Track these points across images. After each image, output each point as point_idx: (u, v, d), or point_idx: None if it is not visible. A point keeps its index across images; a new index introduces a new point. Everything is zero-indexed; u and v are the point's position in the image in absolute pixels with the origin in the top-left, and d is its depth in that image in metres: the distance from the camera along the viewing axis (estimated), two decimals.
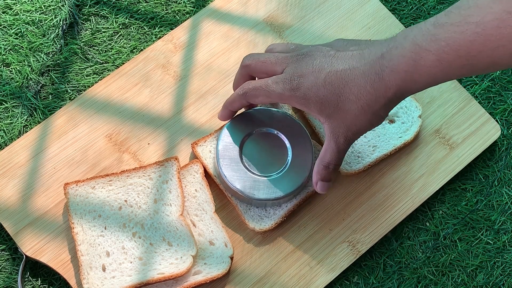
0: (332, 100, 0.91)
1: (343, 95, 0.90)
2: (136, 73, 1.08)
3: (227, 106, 1.01)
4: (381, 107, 0.90)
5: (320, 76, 0.91)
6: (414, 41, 0.84)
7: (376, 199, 1.04)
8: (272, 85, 0.94)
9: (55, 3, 1.13)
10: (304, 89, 0.92)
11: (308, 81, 0.92)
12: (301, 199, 1.02)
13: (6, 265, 1.01)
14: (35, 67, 1.10)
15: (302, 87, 0.92)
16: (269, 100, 0.96)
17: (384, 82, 0.87)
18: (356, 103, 0.90)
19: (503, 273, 1.04)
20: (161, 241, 0.98)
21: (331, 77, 0.90)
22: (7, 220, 1.00)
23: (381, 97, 0.89)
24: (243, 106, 1.01)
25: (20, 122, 1.07)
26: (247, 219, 1.01)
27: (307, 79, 0.92)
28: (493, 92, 1.13)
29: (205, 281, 0.98)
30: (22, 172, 1.03)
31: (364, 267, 1.03)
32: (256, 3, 1.13)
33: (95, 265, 0.97)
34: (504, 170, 1.09)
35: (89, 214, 0.99)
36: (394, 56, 0.86)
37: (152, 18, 1.14)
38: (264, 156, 1.02)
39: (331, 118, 0.92)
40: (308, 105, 0.92)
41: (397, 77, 0.87)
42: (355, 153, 1.05)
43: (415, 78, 0.86)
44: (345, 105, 0.90)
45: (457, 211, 1.06)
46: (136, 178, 1.01)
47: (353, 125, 0.92)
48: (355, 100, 0.89)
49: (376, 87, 0.88)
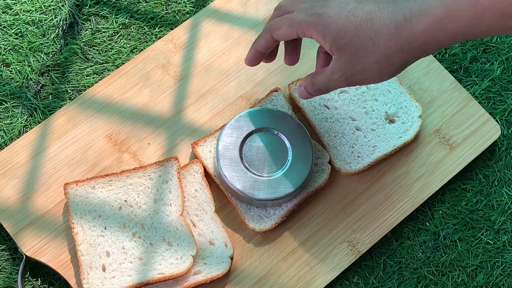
0: (350, 31, 0.86)
1: (363, 29, 0.85)
2: (136, 73, 1.08)
3: (253, 45, 0.96)
4: (400, 57, 0.86)
5: (345, 8, 0.87)
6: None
7: (376, 199, 1.04)
8: (295, 13, 0.90)
9: (55, 3, 1.13)
10: (325, 16, 0.87)
11: (332, 10, 0.88)
12: (301, 199, 1.02)
13: (6, 265, 1.01)
14: (35, 67, 1.10)
15: (324, 15, 0.88)
16: (290, 30, 0.91)
17: (410, 26, 0.83)
18: (374, 43, 0.85)
19: (503, 273, 1.04)
20: (161, 241, 0.99)
21: (356, 11, 0.86)
22: (7, 220, 1.01)
23: (403, 43, 0.84)
24: (269, 43, 0.94)
25: (20, 122, 1.07)
26: (247, 219, 1.01)
27: (331, 9, 0.88)
28: (493, 92, 1.13)
29: (205, 281, 0.98)
30: (22, 172, 1.03)
31: (364, 267, 1.03)
32: (256, 3, 1.13)
33: (95, 265, 0.97)
34: (504, 170, 1.09)
35: (89, 214, 0.99)
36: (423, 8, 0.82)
37: (152, 18, 1.14)
38: (264, 156, 1.02)
39: (342, 51, 0.87)
40: (324, 33, 0.88)
41: (426, 21, 0.82)
42: (355, 153, 1.05)
43: (444, 26, 0.81)
44: (362, 41, 0.86)
45: (457, 211, 1.06)
46: (136, 178, 1.01)
47: (360, 67, 0.87)
48: (375, 39, 0.85)
49: (401, 29, 0.83)
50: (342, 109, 1.07)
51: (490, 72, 1.13)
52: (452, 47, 1.14)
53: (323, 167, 1.04)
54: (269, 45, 0.95)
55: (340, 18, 0.87)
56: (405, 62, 0.86)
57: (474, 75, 1.13)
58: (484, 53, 1.15)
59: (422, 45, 0.84)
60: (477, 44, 1.15)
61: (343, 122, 1.06)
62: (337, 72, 0.89)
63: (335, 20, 0.87)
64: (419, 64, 1.11)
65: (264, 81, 1.09)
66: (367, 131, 1.06)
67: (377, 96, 1.08)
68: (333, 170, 1.05)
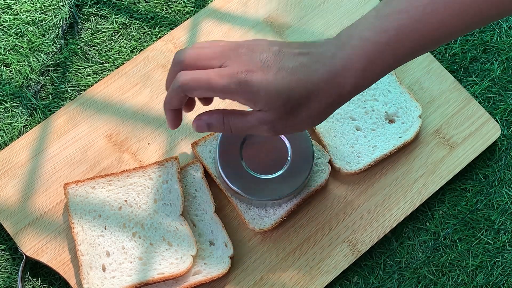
0: (282, 95, 0.85)
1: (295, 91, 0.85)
2: (136, 73, 1.08)
3: (166, 107, 0.90)
4: (332, 108, 0.87)
5: (269, 72, 0.85)
6: (362, 37, 0.83)
7: (376, 199, 1.04)
8: (215, 77, 0.85)
9: (55, 3, 1.13)
10: (252, 84, 0.85)
11: (257, 76, 0.85)
12: (301, 199, 1.02)
13: (6, 265, 1.01)
14: (35, 67, 1.10)
15: (250, 82, 0.85)
16: (209, 94, 0.86)
17: (338, 81, 0.84)
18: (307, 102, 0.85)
19: (503, 273, 1.04)
20: (161, 241, 0.98)
21: (281, 74, 0.85)
22: (7, 220, 1.01)
23: (334, 97, 0.85)
24: (182, 101, 0.89)
25: (20, 122, 1.07)
26: (247, 219, 1.01)
27: (255, 75, 0.85)
28: (493, 92, 1.13)
29: (205, 281, 0.98)
30: (22, 172, 1.03)
31: (364, 267, 1.03)
32: (256, 3, 1.13)
33: (95, 265, 0.97)
34: (504, 170, 1.09)
35: (89, 214, 0.99)
36: (346, 54, 0.84)
37: (152, 18, 1.14)
38: (264, 156, 1.02)
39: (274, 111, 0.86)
40: (254, 100, 0.86)
41: (352, 74, 0.84)
42: (355, 153, 1.05)
43: (369, 73, 0.84)
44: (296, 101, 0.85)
45: (457, 211, 1.06)
46: (136, 178, 1.01)
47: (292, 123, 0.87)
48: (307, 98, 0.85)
49: (331, 84, 0.84)
50: (342, 109, 1.07)
51: (490, 72, 1.13)
52: (452, 47, 1.14)
53: (323, 167, 1.04)
54: (184, 101, 0.90)
55: (269, 83, 0.84)
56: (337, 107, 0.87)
57: (474, 75, 1.13)
58: (484, 53, 1.15)
59: (351, 93, 0.85)
60: (477, 44, 1.15)
61: (343, 122, 1.06)
62: (265, 124, 0.87)
63: (264, 85, 0.85)
64: (419, 64, 1.11)
65: None
66: (367, 131, 1.06)
67: (377, 96, 1.08)
68: (333, 170, 1.05)
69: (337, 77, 0.84)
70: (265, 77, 0.84)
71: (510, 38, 1.15)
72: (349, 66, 0.83)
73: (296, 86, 0.84)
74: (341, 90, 0.85)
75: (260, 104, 0.85)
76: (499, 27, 1.16)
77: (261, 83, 0.84)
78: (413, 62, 1.11)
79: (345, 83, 0.84)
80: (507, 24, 1.16)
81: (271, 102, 0.85)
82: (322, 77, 0.84)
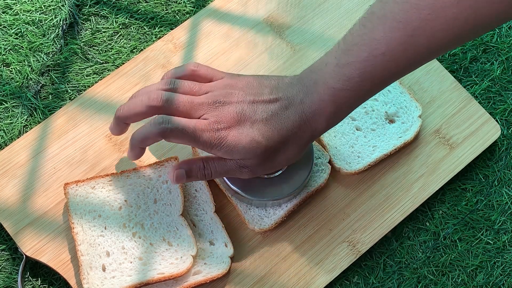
0: (259, 146, 0.91)
1: (271, 140, 0.91)
2: (136, 73, 1.08)
3: (137, 144, 0.95)
4: (303, 148, 0.94)
5: (245, 125, 0.91)
6: (326, 84, 0.89)
7: (376, 199, 1.04)
8: (198, 131, 0.91)
9: (55, 3, 1.13)
10: (230, 140, 0.90)
11: (234, 132, 0.90)
12: (301, 199, 1.02)
13: (6, 265, 1.01)
14: (35, 67, 1.10)
15: (228, 139, 0.90)
16: (190, 144, 0.92)
17: (310, 125, 0.91)
18: (284, 148, 0.92)
19: (503, 273, 1.04)
20: (161, 241, 0.99)
21: (257, 125, 0.91)
22: (7, 220, 1.00)
23: (308, 139, 0.93)
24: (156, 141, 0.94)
25: (20, 122, 1.07)
26: (247, 219, 1.01)
27: (233, 131, 0.90)
28: (493, 92, 1.13)
29: (205, 281, 0.98)
30: (22, 172, 1.03)
31: (364, 267, 1.03)
32: (256, 3, 1.13)
33: (95, 265, 0.97)
34: (504, 170, 1.09)
35: (89, 214, 0.99)
36: (314, 100, 0.90)
37: (152, 18, 1.14)
38: None
39: (252, 159, 0.92)
40: (231, 154, 0.91)
41: (323, 119, 0.90)
42: (355, 153, 1.05)
43: (338, 114, 0.91)
44: (273, 149, 0.92)
45: (457, 211, 1.06)
46: (136, 178, 1.01)
47: (270, 166, 0.94)
48: (283, 145, 0.92)
49: (304, 130, 0.91)
50: None
51: (490, 72, 1.13)
52: None
53: (323, 167, 1.04)
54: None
55: (247, 136, 0.91)
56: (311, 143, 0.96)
57: (474, 75, 1.13)
58: (484, 53, 1.15)
59: (324, 131, 0.93)
60: (477, 44, 1.15)
61: (342, 122, 1.06)
62: (245, 168, 0.93)
63: (242, 140, 0.91)
64: None
65: None
66: (367, 131, 1.06)
67: (377, 96, 1.08)
68: (333, 170, 1.04)
69: (309, 122, 0.91)
70: (242, 131, 0.91)
71: (510, 38, 1.15)
72: (319, 111, 0.90)
73: (272, 135, 0.91)
74: (313, 132, 0.92)
75: (239, 156, 0.92)
76: (499, 27, 1.16)
77: (239, 138, 0.91)
78: None
79: (316, 126, 0.91)
80: (507, 24, 1.16)
81: (250, 153, 0.91)
82: (295, 124, 0.91)
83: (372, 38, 0.85)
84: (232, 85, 0.94)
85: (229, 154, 0.91)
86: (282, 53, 1.11)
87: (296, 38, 1.11)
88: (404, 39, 0.83)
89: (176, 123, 0.91)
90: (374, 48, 0.85)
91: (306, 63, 1.09)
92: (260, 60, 1.10)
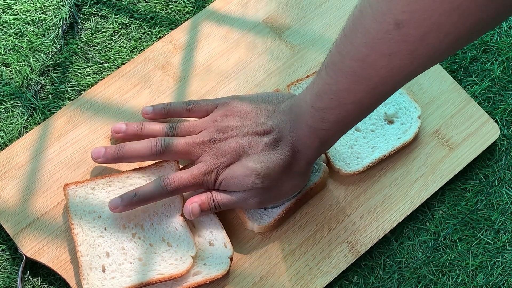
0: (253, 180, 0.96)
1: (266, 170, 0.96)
2: (135, 74, 1.08)
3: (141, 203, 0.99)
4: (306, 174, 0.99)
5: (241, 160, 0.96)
6: (306, 123, 0.93)
7: (375, 200, 1.04)
8: (199, 178, 0.97)
9: (55, 3, 1.13)
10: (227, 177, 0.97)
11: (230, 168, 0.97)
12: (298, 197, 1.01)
13: (6, 265, 1.01)
14: (35, 67, 1.10)
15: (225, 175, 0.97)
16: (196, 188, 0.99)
17: (301, 156, 0.96)
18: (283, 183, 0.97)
19: (503, 273, 1.04)
20: (161, 241, 0.99)
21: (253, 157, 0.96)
22: (7, 221, 1.01)
23: (302, 166, 0.97)
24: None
25: (20, 123, 1.07)
26: (247, 216, 1.01)
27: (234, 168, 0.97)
28: (493, 92, 1.12)
29: (204, 281, 0.98)
30: (22, 173, 1.03)
31: (364, 267, 1.03)
32: (255, 4, 1.13)
33: (95, 265, 0.97)
34: (504, 170, 1.09)
35: (89, 215, 1.00)
36: (299, 135, 0.94)
37: (152, 18, 1.14)
38: None
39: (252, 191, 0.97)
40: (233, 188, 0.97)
41: (311, 151, 0.95)
42: (355, 154, 1.05)
43: (325, 146, 0.96)
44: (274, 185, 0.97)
45: (457, 211, 1.06)
46: (136, 179, 1.01)
47: (276, 198, 0.99)
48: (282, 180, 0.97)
49: (297, 159, 0.96)
50: None
51: (490, 72, 1.13)
52: None
53: (316, 166, 1.03)
54: None
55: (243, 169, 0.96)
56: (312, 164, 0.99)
57: (474, 75, 1.13)
58: (484, 53, 1.15)
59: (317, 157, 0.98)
60: (477, 44, 1.15)
61: None
62: (249, 200, 0.98)
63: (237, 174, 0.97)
64: None
65: (264, 82, 1.09)
66: (366, 131, 1.06)
67: None
68: (332, 171, 1.04)
69: (300, 152, 0.95)
70: (240, 165, 0.96)
71: (510, 38, 1.15)
72: (306, 145, 0.95)
73: (268, 164, 0.96)
74: (308, 160, 0.97)
75: (238, 188, 0.97)
76: (499, 27, 1.16)
77: (236, 173, 0.96)
78: None
79: (308, 155, 0.96)
80: (507, 24, 1.16)
81: (248, 185, 0.96)
82: (288, 154, 0.95)
83: (338, 89, 0.88)
84: (227, 116, 0.99)
85: (230, 188, 0.97)
86: (282, 54, 1.11)
87: (295, 39, 1.11)
88: (369, 89, 0.86)
89: (178, 181, 0.97)
90: (342, 97, 0.88)
91: (306, 64, 1.10)
92: (259, 61, 1.10)
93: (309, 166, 0.98)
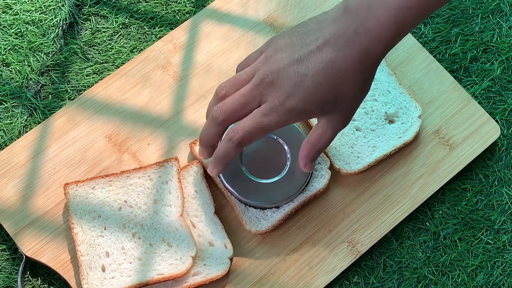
0: (328, 98, 0.88)
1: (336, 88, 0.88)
2: (135, 73, 1.08)
3: (222, 160, 0.95)
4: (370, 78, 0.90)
5: (304, 86, 0.88)
6: (385, 5, 0.84)
7: (376, 199, 1.04)
8: (263, 120, 0.89)
9: (55, 3, 1.13)
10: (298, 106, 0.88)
11: (296, 97, 0.88)
12: (300, 203, 1.01)
13: (6, 265, 1.01)
14: (35, 67, 1.10)
15: (295, 105, 0.88)
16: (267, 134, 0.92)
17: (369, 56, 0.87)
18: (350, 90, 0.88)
19: (503, 273, 1.04)
20: (161, 241, 0.99)
21: (317, 79, 0.87)
22: (7, 220, 1.01)
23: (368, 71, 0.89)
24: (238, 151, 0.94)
25: (20, 122, 1.07)
26: (244, 220, 1.01)
27: (294, 97, 0.88)
28: (493, 92, 1.12)
29: (204, 282, 0.98)
30: (22, 172, 1.03)
31: (364, 267, 1.03)
32: (256, 4, 1.13)
33: (94, 265, 0.97)
34: (504, 170, 1.09)
35: (89, 214, 1.00)
36: (371, 28, 0.86)
37: (152, 18, 1.14)
38: (263, 161, 1.02)
39: (330, 113, 0.90)
40: (309, 115, 0.90)
41: (381, 45, 0.86)
42: (355, 153, 1.05)
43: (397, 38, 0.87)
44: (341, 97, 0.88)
45: (457, 211, 1.06)
46: (136, 179, 1.01)
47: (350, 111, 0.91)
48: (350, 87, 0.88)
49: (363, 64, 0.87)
50: None
51: (490, 72, 1.13)
52: (452, 46, 1.14)
53: (322, 173, 1.03)
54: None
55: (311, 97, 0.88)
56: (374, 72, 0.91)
57: (474, 75, 1.13)
58: (484, 53, 1.15)
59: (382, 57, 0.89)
60: (477, 44, 1.15)
61: None
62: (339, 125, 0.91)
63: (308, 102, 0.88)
64: (419, 64, 1.11)
65: None
66: (366, 131, 1.06)
67: (376, 96, 1.08)
68: (333, 170, 1.04)
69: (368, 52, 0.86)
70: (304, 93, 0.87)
71: (510, 38, 1.15)
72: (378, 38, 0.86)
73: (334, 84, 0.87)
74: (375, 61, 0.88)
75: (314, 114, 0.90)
76: (499, 27, 1.16)
77: (303, 101, 0.88)
78: (413, 62, 1.11)
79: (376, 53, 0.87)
80: (507, 24, 1.16)
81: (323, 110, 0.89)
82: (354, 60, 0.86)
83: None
84: (273, 54, 0.90)
85: (305, 117, 0.90)
86: None
87: None
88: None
89: (242, 130, 0.91)
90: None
91: None
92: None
93: (374, 68, 0.89)
